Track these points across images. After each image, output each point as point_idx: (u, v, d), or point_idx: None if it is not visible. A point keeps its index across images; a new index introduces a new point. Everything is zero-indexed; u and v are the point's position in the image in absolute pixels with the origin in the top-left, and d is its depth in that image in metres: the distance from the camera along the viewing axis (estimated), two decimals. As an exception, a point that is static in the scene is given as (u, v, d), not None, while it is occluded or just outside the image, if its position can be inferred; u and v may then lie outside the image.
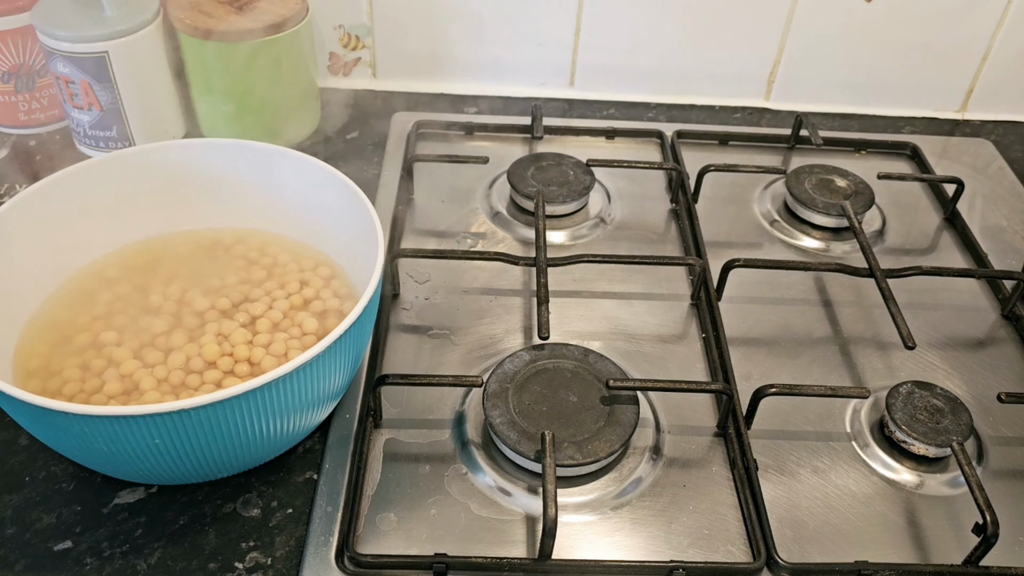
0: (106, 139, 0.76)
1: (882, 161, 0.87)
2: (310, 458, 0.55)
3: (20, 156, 0.80)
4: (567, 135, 0.86)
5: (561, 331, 0.65)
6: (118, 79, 0.72)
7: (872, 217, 0.79)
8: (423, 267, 0.70)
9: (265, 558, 0.50)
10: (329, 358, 0.47)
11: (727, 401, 0.58)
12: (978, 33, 0.88)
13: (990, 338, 0.68)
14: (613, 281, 0.70)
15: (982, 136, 0.91)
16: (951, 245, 0.77)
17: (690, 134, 0.86)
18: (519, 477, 0.54)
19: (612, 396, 0.56)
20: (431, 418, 0.58)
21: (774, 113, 0.93)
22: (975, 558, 0.51)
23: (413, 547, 0.51)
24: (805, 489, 0.56)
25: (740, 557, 0.52)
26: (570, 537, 0.52)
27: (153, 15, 0.73)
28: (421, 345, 0.63)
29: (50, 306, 0.58)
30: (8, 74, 0.77)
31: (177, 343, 0.55)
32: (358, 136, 0.85)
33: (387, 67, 0.91)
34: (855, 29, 0.87)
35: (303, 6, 0.77)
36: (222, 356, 0.54)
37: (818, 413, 0.60)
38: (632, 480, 0.55)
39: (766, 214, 0.78)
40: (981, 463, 0.58)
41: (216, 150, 0.63)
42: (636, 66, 0.90)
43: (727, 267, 0.67)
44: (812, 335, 0.67)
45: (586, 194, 0.76)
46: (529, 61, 0.90)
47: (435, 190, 0.78)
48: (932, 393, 0.58)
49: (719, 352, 0.63)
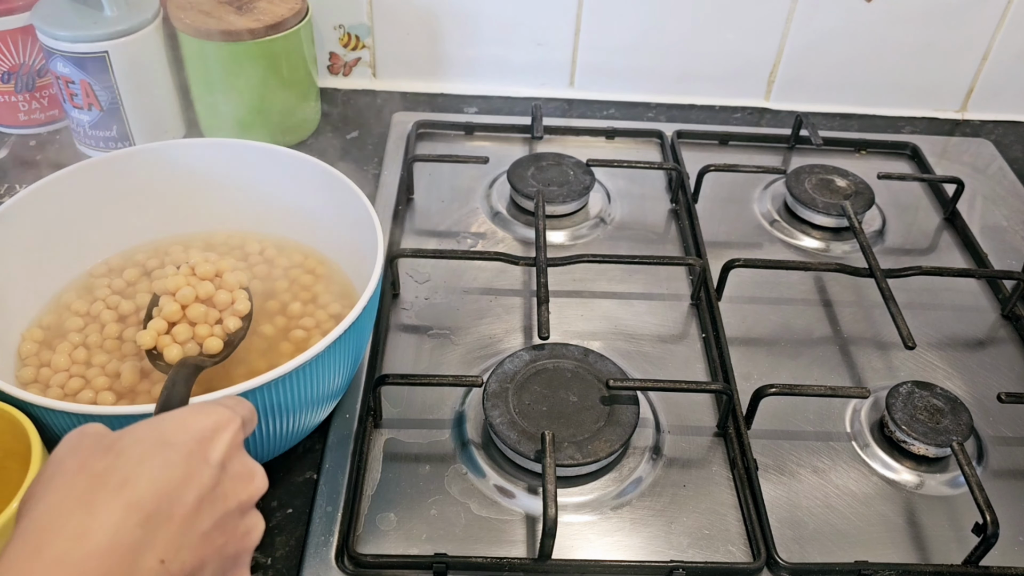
0: (106, 139, 0.76)
1: (882, 161, 0.87)
2: (310, 458, 0.55)
3: (20, 156, 0.80)
4: (567, 135, 0.86)
5: (561, 331, 0.65)
6: (118, 79, 0.72)
7: (872, 217, 0.79)
8: (423, 267, 0.70)
9: (265, 558, 0.50)
10: (328, 358, 0.47)
11: (727, 401, 0.58)
12: (978, 33, 0.88)
13: (990, 338, 0.68)
14: (613, 281, 0.70)
15: (982, 136, 0.91)
16: (951, 245, 0.77)
17: (690, 134, 0.86)
18: (519, 477, 0.54)
19: (612, 396, 0.56)
20: (431, 418, 0.58)
21: (774, 113, 0.93)
22: (975, 558, 0.51)
23: (413, 547, 0.51)
24: (805, 489, 0.56)
25: (740, 557, 0.52)
26: (570, 537, 0.52)
27: (153, 15, 0.73)
28: (421, 345, 0.63)
29: (50, 306, 0.58)
30: (8, 74, 0.77)
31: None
32: (358, 136, 0.85)
33: (387, 67, 0.91)
34: (855, 29, 0.87)
35: (303, 6, 0.77)
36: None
37: (818, 413, 0.60)
38: (632, 480, 0.55)
39: (766, 214, 0.78)
40: (981, 463, 0.58)
41: (216, 150, 0.63)
42: (636, 66, 0.90)
43: (727, 267, 0.67)
44: (812, 335, 0.67)
45: (586, 194, 0.76)
46: (529, 61, 0.90)
47: (435, 190, 0.78)
48: (932, 393, 0.58)
49: (719, 352, 0.63)
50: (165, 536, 0.31)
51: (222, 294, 0.54)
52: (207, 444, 0.35)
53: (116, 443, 0.34)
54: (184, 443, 0.34)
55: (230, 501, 0.35)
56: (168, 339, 0.52)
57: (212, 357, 0.52)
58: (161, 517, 0.31)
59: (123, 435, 0.34)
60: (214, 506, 0.34)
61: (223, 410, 0.37)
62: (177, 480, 0.33)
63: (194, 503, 0.33)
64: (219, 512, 0.34)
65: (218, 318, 0.54)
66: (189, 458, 0.34)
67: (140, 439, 0.34)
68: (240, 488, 0.36)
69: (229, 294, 0.54)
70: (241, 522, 0.36)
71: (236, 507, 0.35)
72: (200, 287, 0.54)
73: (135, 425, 0.35)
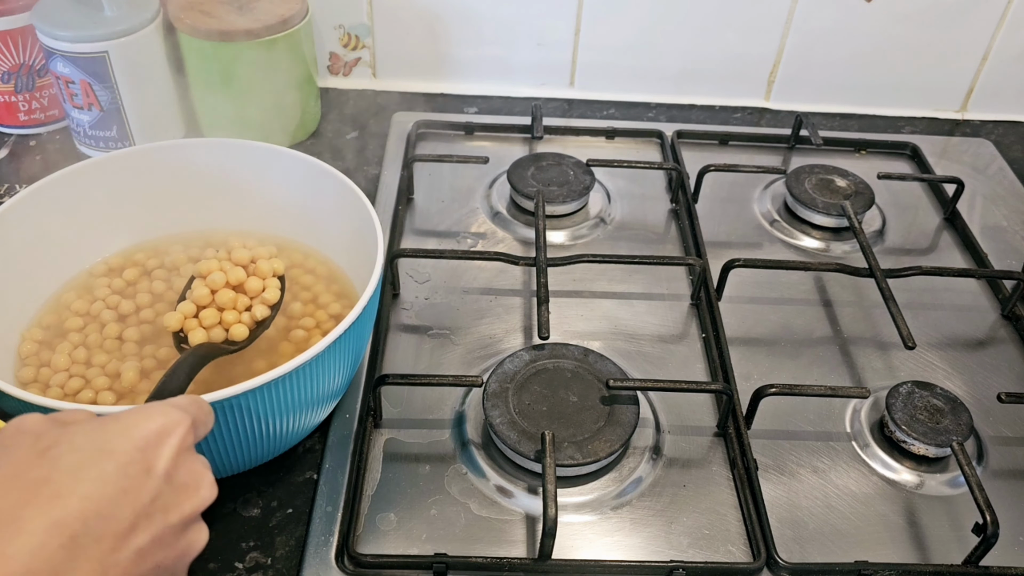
0: (106, 139, 0.76)
1: (882, 161, 0.87)
2: (310, 458, 0.55)
3: (20, 156, 0.80)
4: (567, 135, 0.86)
5: (561, 331, 0.65)
6: (118, 79, 0.72)
7: (872, 217, 0.79)
8: (423, 267, 0.70)
9: (265, 558, 0.50)
10: (328, 358, 0.47)
11: (727, 401, 0.58)
12: (978, 33, 0.88)
13: (990, 338, 0.68)
14: (613, 281, 0.70)
15: (982, 136, 0.91)
16: (951, 245, 0.77)
17: (690, 134, 0.86)
18: (519, 477, 0.54)
19: (612, 396, 0.56)
20: (431, 418, 0.58)
21: (774, 113, 0.93)
22: (975, 558, 0.51)
23: (413, 547, 0.51)
24: (805, 489, 0.56)
25: (740, 557, 0.52)
26: (570, 537, 0.52)
27: (153, 15, 0.73)
28: (421, 345, 0.63)
29: (50, 306, 0.58)
30: (8, 74, 0.77)
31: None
32: (358, 136, 0.85)
33: (387, 67, 0.91)
34: (855, 29, 0.87)
35: (303, 6, 0.77)
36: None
37: (818, 413, 0.60)
38: (632, 480, 0.55)
39: (766, 214, 0.78)
40: (981, 463, 0.58)
41: (216, 150, 0.63)
42: (636, 66, 0.90)
43: (727, 267, 0.67)
44: (812, 335, 0.67)
45: (586, 194, 0.76)
46: (529, 61, 0.90)
47: (435, 190, 0.78)
48: (932, 393, 0.58)
49: (719, 352, 0.63)
50: (91, 558, 0.30)
51: (253, 281, 0.54)
52: (150, 452, 0.33)
53: (53, 448, 0.32)
54: (125, 451, 0.32)
55: (171, 515, 0.33)
56: (195, 322, 0.52)
57: (234, 344, 0.52)
58: (89, 538, 0.30)
59: (61, 439, 0.32)
60: (152, 521, 0.32)
61: (172, 412, 0.35)
62: (112, 496, 0.31)
63: (130, 520, 0.31)
64: (158, 527, 0.32)
65: (248, 305, 0.54)
66: (128, 469, 0.32)
67: (78, 446, 0.32)
68: (184, 500, 0.34)
69: (261, 281, 0.55)
70: (183, 536, 0.34)
71: (178, 521, 0.33)
72: (232, 272, 0.54)
73: (76, 426, 0.33)
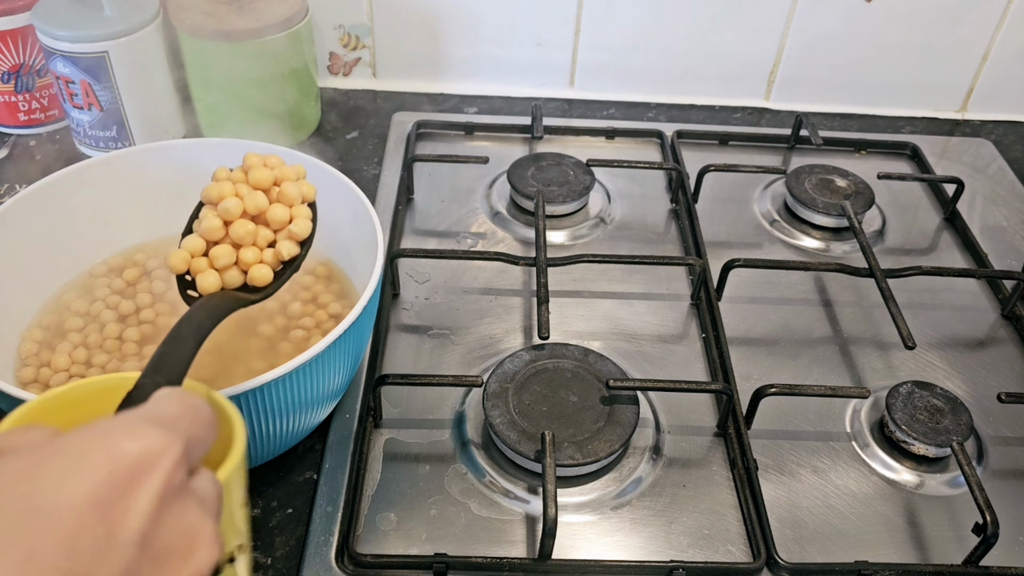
0: (106, 139, 0.76)
1: (882, 161, 0.87)
2: (310, 458, 0.55)
3: (20, 156, 0.80)
4: (567, 135, 0.86)
5: (561, 331, 0.65)
6: (118, 79, 0.72)
7: (872, 217, 0.79)
8: (423, 267, 0.70)
9: (265, 558, 0.50)
10: (328, 358, 0.47)
11: (727, 401, 0.58)
12: (978, 33, 0.88)
13: (990, 338, 0.68)
14: (613, 281, 0.70)
15: (982, 136, 0.91)
16: (951, 245, 0.77)
17: (690, 134, 0.86)
18: (519, 477, 0.54)
19: (612, 396, 0.56)
20: (431, 418, 0.58)
21: (774, 113, 0.93)
22: (975, 558, 0.51)
23: (413, 547, 0.51)
24: (805, 489, 0.56)
25: (740, 557, 0.52)
26: (570, 537, 0.52)
27: (153, 15, 0.73)
28: (421, 345, 0.63)
29: (50, 306, 0.58)
30: (8, 74, 0.77)
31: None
32: (358, 136, 0.85)
33: (387, 67, 0.91)
34: (855, 29, 0.87)
35: (303, 6, 0.77)
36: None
37: (818, 413, 0.60)
38: (632, 480, 0.55)
39: (766, 214, 0.78)
40: (981, 463, 0.58)
41: (216, 150, 0.62)
42: (636, 66, 0.90)
43: (727, 267, 0.67)
44: (812, 335, 0.67)
45: (586, 194, 0.76)
46: (529, 61, 0.90)
47: (435, 190, 0.78)
48: (932, 393, 0.58)
49: (719, 352, 0.63)
50: None
51: (278, 209, 0.42)
52: (114, 506, 0.21)
53: None
54: (72, 509, 0.20)
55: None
56: (204, 262, 0.41)
57: (256, 292, 0.41)
58: None
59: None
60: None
61: (152, 433, 0.23)
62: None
63: None
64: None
65: (271, 239, 0.43)
66: (77, 539, 0.20)
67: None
68: (170, 572, 0.23)
69: (287, 210, 0.43)
70: None
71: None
72: (251, 198, 0.42)
73: (3, 464, 0.22)
